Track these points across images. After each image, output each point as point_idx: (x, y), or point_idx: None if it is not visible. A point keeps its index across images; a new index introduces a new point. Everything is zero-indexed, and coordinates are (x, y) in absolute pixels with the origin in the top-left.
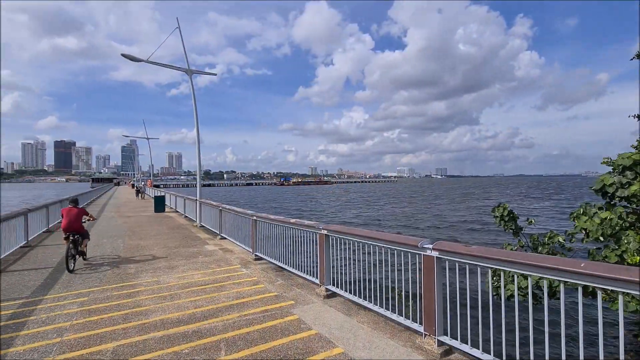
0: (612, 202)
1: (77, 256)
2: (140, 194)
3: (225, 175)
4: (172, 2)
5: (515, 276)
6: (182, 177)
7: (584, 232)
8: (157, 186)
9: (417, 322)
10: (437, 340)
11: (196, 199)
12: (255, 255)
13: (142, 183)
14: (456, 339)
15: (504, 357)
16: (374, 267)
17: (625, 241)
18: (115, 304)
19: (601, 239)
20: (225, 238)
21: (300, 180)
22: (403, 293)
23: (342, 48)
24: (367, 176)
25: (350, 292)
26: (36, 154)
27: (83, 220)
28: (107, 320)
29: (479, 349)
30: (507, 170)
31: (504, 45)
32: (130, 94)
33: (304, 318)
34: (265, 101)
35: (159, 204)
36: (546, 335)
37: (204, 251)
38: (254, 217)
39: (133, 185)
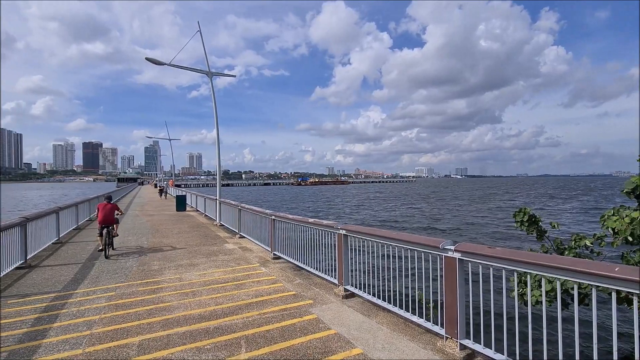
0: None
1: (110, 246)
2: (163, 194)
3: (243, 175)
4: (192, 7)
5: (543, 280)
6: (202, 176)
7: (612, 231)
8: (178, 186)
9: (438, 325)
10: (459, 343)
11: (216, 199)
12: (274, 254)
13: (165, 183)
14: (479, 343)
15: None
16: (394, 268)
17: None
18: (140, 299)
19: (630, 239)
20: (244, 237)
21: (317, 180)
22: (424, 295)
23: (359, 47)
24: (385, 176)
25: (369, 293)
26: (66, 154)
27: (115, 214)
28: (133, 315)
29: (503, 354)
30: (532, 170)
31: (528, 41)
32: (153, 96)
33: (322, 317)
34: (282, 102)
35: (180, 203)
36: (576, 343)
37: (223, 250)
38: (273, 217)
39: (155, 185)
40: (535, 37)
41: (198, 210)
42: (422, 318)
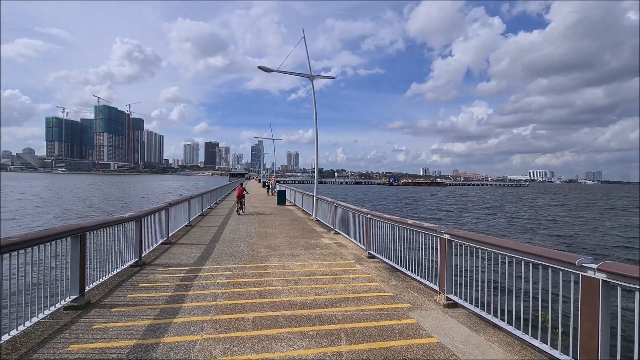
0: None
1: (241, 210)
2: (270, 190)
3: (336, 174)
4: (294, 15)
5: None
6: (298, 174)
7: None
8: (278, 181)
9: (568, 356)
10: None
11: (313, 195)
12: (369, 252)
13: (269, 180)
14: None
15: None
16: (508, 282)
17: None
18: (252, 280)
19: None
20: (339, 233)
21: (410, 180)
22: (549, 317)
23: (463, 36)
24: (489, 179)
25: (476, 305)
26: (192, 152)
27: (244, 193)
28: (247, 294)
29: None
30: None
31: None
32: (259, 100)
33: (422, 324)
34: (375, 100)
35: (281, 197)
36: None
37: (320, 244)
38: (369, 216)
39: (259, 180)
40: None
41: (296, 205)
42: (547, 344)
